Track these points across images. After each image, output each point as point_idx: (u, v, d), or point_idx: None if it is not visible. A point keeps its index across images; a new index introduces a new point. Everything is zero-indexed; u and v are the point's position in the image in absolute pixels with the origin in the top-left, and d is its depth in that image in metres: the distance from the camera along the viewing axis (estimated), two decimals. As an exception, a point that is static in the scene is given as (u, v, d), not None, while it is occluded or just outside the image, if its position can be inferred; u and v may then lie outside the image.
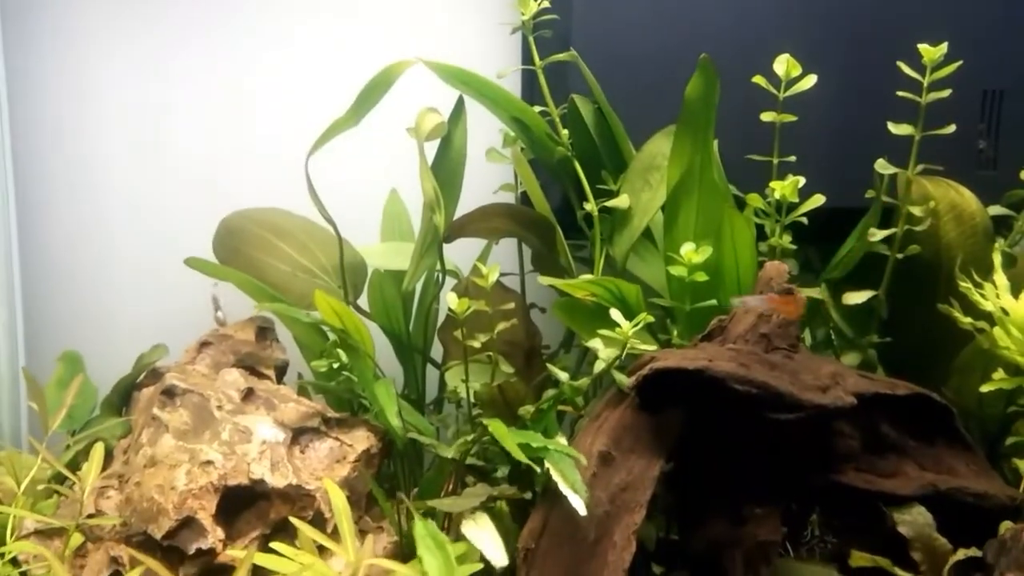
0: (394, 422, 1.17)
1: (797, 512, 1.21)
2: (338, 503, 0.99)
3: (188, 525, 1.09)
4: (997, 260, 1.16)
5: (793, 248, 1.26)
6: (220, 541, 1.09)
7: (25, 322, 1.57)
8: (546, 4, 1.30)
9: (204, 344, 1.37)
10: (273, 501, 1.14)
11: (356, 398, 1.34)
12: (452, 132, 1.35)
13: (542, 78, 1.32)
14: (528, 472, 1.05)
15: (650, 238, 1.35)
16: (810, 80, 1.22)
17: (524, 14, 1.30)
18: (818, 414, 1.02)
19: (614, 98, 1.32)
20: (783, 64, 1.22)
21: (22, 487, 1.13)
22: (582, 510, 0.94)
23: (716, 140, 1.25)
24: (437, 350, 1.40)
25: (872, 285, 1.26)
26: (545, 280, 1.24)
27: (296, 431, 1.21)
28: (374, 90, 1.29)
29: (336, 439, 1.23)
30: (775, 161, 1.25)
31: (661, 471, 1.01)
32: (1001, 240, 1.27)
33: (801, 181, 1.21)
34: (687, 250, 1.16)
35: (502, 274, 1.25)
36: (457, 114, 1.36)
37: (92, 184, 1.59)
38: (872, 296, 1.25)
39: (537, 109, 1.33)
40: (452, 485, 1.21)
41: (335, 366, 1.27)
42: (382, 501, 1.15)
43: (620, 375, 1.05)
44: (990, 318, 1.13)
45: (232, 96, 1.59)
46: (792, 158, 1.24)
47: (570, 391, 1.10)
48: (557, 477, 0.97)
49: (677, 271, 1.18)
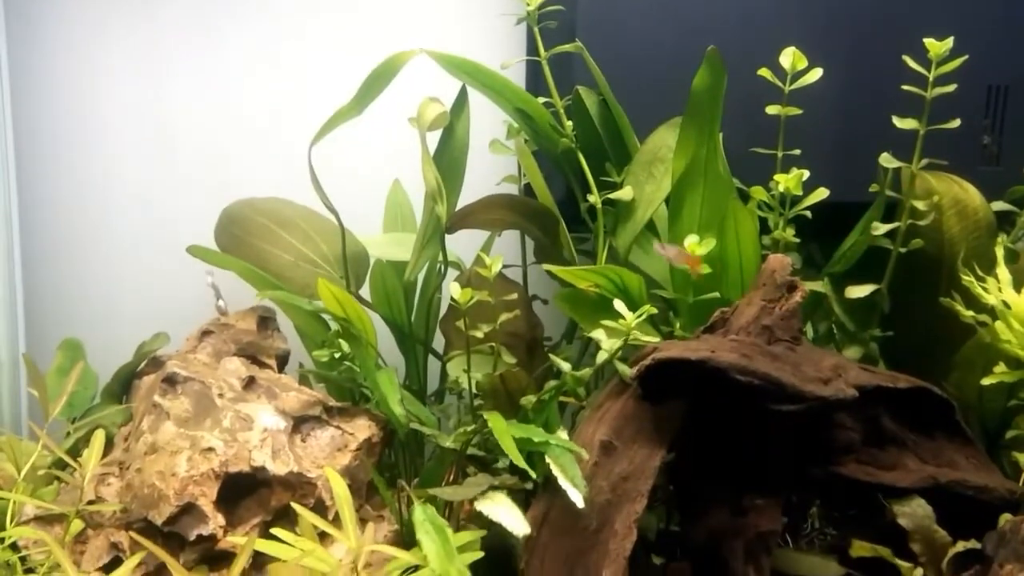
0: (396, 410, 1.17)
1: (797, 504, 1.21)
2: (339, 490, 0.98)
3: (189, 511, 1.09)
4: (1000, 255, 1.16)
5: (796, 242, 1.26)
6: (221, 527, 1.09)
7: (26, 310, 1.57)
8: (551, -6, 1.30)
9: (205, 333, 1.37)
10: (274, 488, 1.14)
11: (357, 388, 1.34)
12: (455, 122, 1.35)
13: (547, 69, 1.32)
14: (528, 462, 1.05)
15: (653, 231, 1.35)
16: (816, 73, 1.22)
17: (529, 5, 1.29)
18: (819, 406, 1.02)
19: (619, 89, 1.32)
20: (789, 57, 1.22)
21: (22, 473, 1.12)
22: (581, 505, 0.94)
23: (720, 133, 1.25)
24: (439, 342, 1.40)
25: (875, 279, 1.26)
26: (548, 268, 1.24)
27: (297, 419, 1.21)
28: (377, 80, 1.29)
29: (337, 428, 1.23)
30: (779, 154, 1.25)
31: (662, 461, 1.01)
32: (1004, 236, 1.27)
33: (805, 174, 1.21)
34: (691, 242, 1.16)
35: (504, 266, 1.25)
36: (460, 104, 1.36)
37: (94, 172, 1.59)
38: (874, 290, 1.25)
39: (541, 100, 1.33)
40: (453, 475, 1.21)
41: (337, 356, 1.27)
42: (383, 490, 1.15)
43: (622, 365, 1.05)
44: (992, 313, 1.14)
45: (236, 85, 1.59)
46: (797, 152, 1.24)
47: (572, 381, 1.10)
48: (557, 472, 0.97)
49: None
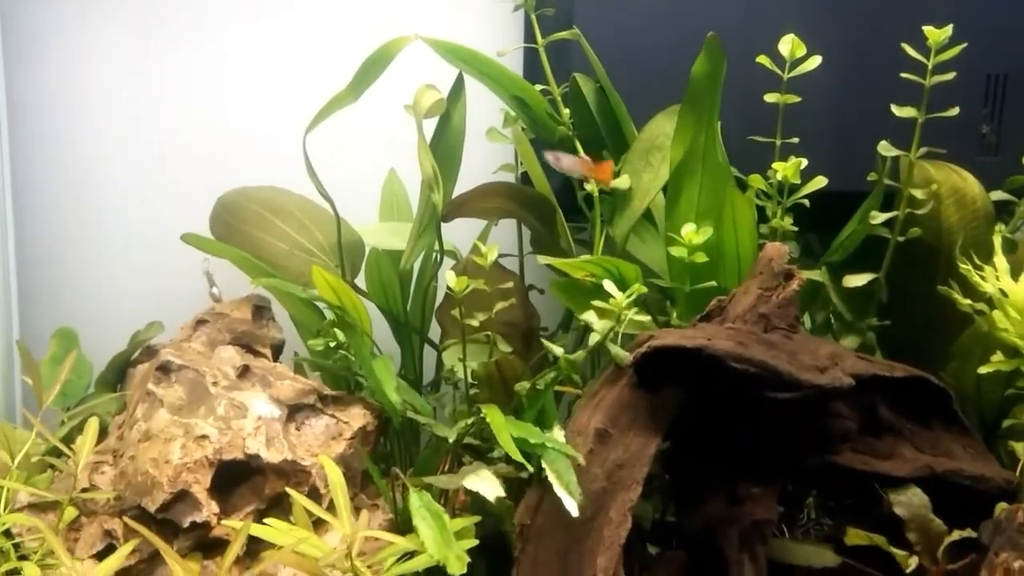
0: (392, 397, 1.16)
1: (793, 493, 1.21)
2: (334, 478, 0.98)
3: (182, 499, 1.09)
4: (998, 244, 1.16)
5: (794, 231, 1.25)
6: (214, 515, 1.09)
7: (20, 299, 1.56)
8: (549, -19, 1.29)
9: (200, 322, 1.36)
10: (268, 476, 1.14)
11: (352, 376, 1.33)
12: (451, 110, 1.34)
13: (544, 56, 1.31)
14: (524, 453, 1.04)
15: (650, 219, 1.35)
16: (814, 61, 1.21)
17: (527, -9, 1.29)
18: (816, 394, 1.02)
19: (616, 77, 1.31)
20: (787, 44, 1.21)
21: (16, 461, 1.12)
22: (575, 513, 0.93)
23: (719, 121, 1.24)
24: (435, 331, 1.39)
25: (873, 268, 1.25)
26: (544, 259, 1.23)
27: (292, 408, 1.21)
28: (373, 66, 1.28)
29: (332, 416, 1.22)
30: (778, 143, 1.24)
31: (658, 449, 1.00)
32: (1002, 225, 1.26)
33: (803, 163, 1.20)
34: (688, 230, 1.15)
35: (501, 255, 1.25)
36: (456, 92, 1.35)
37: (88, 161, 1.58)
38: (872, 279, 1.25)
39: (538, 88, 1.32)
40: (448, 464, 1.21)
41: (332, 344, 1.26)
42: (377, 479, 1.14)
43: (618, 349, 1.04)
44: (990, 302, 1.13)
45: (230, 72, 1.58)
46: (795, 140, 1.24)
47: (567, 366, 1.09)
48: (553, 479, 0.95)
49: (678, 252, 1.17)
